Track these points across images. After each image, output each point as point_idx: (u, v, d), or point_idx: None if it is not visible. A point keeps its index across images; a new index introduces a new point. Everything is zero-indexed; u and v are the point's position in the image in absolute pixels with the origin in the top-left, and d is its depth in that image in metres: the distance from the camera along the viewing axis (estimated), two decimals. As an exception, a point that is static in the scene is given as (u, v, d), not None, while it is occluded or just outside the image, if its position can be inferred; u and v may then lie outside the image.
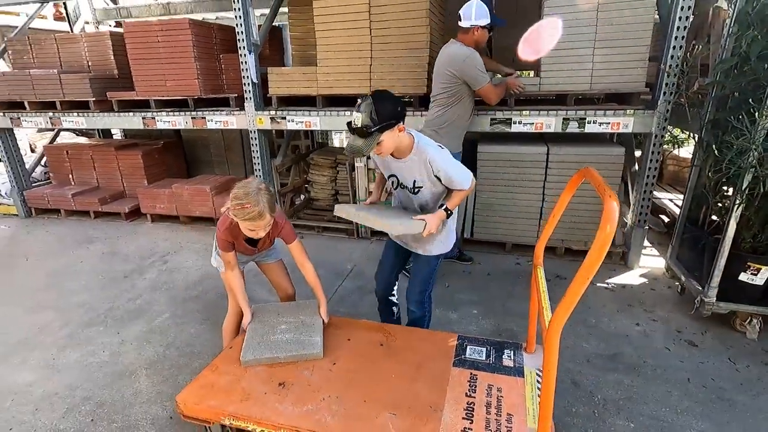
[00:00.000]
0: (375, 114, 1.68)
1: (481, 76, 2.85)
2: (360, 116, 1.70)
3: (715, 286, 2.55)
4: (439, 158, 1.87)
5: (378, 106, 1.70)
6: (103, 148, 5.19)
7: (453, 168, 1.90)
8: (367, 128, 1.70)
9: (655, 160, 3.15)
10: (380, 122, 1.70)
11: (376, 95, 1.74)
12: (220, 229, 1.92)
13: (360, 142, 1.73)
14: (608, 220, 1.07)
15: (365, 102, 1.71)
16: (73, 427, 2.04)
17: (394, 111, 1.75)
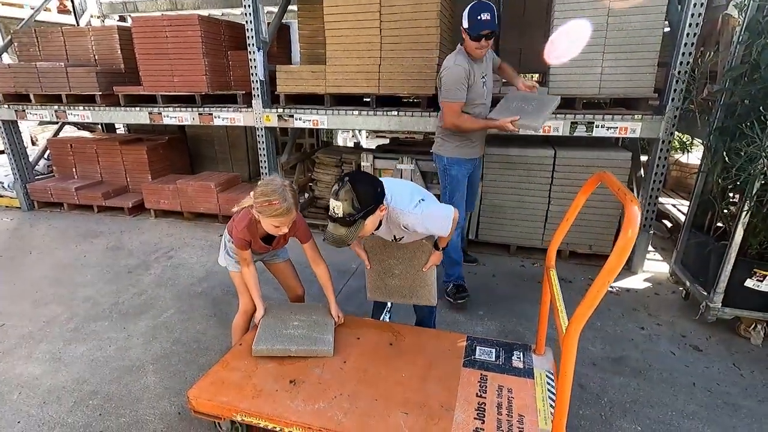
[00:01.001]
0: (357, 202, 1.60)
1: (449, 91, 2.62)
2: (341, 205, 1.60)
3: (721, 291, 2.57)
4: (412, 221, 1.79)
5: (359, 193, 1.60)
6: (107, 143, 5.18)
7: (430, 222, 1.82)
8: (350, 217, 1.61)
9: (662, 165, 3.17)
10: (363, 209, 1.62)
11: (353, 179, 1.63)
12: (238, 228, 1.92)
13: (342, 230, 1.65)
14: (630, 224, 1.08)
15: (344, 189, 1.60)
16: (81, 421, 2.04)
17: (375, 194, 1.66)
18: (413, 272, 2.10)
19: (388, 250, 2.11)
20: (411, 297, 2.16)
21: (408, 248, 2.08)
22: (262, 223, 1.88)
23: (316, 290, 3.18)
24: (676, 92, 2.97)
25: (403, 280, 2.14)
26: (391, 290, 2.18)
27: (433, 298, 2.13)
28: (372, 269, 2.16)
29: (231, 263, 2.15)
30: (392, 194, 1.80)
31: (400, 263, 2.11)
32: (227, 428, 1.85)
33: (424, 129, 3.59)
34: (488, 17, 2.41)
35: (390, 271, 2.14)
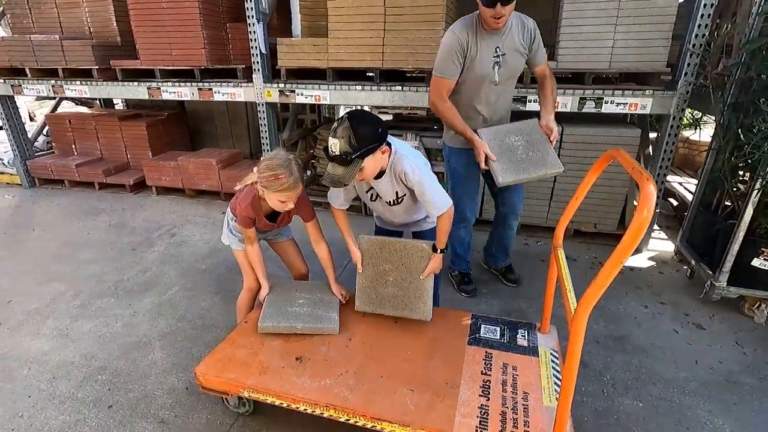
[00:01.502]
0: (354, 139, 1.54)
1: (437, 63, 2.22)
2: (338, 142, 1.55)
3: (727, 270, 2.56)
4: (411, 171, 1.73)
5: (357, 131, 1.54)
6: (106, 119, 5.10)
7: (429, 185, 1.76)
8: (346, 155, 1.56)
9: (672, 142, 3.10)
10: (361, 148, 1.56)
11: (353, 117, 1.56)
12: (242, 205, 1.89)
13: (340, 170, 1.60)
14: (646, 204, 1.05)
15: (342, 126, 1.55)
16: (91, 396, 2.08)
17: (375, 133, 1.60)
18: (409, 280, 1.97)
19: (384, 253, 2.00)
20: (404, 309, 2.00)
21: (406, 252, 1.97)
22: (267, 200, 1.85)
23: (320, 268, 3.20)
24: (690, 66, 2.88)
25: (397, 288, 2.00)
26: (382, 300, 2.03)
27: (428, 314, 1.97)
28: (364, 274, 2.04)
29: (234, 241, 2.14)
30: (400, 146, 1.77)
31: (396, 269, 1.99)
32: (234, 404, 1.88)
33: (429, 105, 3.51)
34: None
35: (383, 278, 2.01)
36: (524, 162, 2.15)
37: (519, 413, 1.54)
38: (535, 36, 2.24)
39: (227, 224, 2.16)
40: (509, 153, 2.19)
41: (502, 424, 1.50)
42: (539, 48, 2.28)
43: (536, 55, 2.30)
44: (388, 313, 2.02)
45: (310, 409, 1.62)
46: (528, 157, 2.17)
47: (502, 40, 2.18)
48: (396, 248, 1.99)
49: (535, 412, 1.55)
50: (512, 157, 2.18)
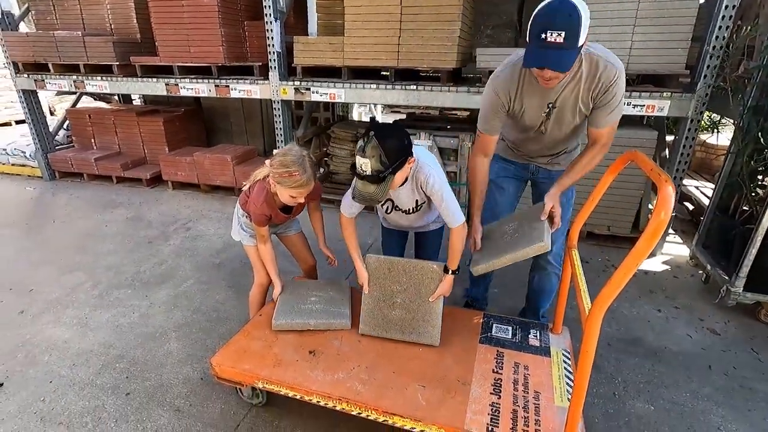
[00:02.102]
0: (385, 157, 1.50)
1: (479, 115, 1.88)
2: (368, 162, 1.51)
3: (744, 275, 2.53)
4: (433, 180, 1.72)
5: (386, 147, 1.50)
6: (124, 114, 5.21)
7: (448, 195, 1.74)
8: (379, 174, 1.52)
9: (689, 145, 3.07)
10: (392, 164, 1.53)
11: (378, 133, 1.51)
12: (257, 203, 1.91)
13: (372, 188, 1.56)
14: (664, 206, 1.05)
15: (370, 144, 1.50)
16: (110, 383, 2.13)
17: (402, 146, 1.57)
18: (418, 302, 1.90)
19: (392, 274, 1.94)
20: (411, 333, 1.90)
21: (415, 273, 1.91)
22: (279, 195, 1.87)
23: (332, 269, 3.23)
24: (709, 69, 2.84)
25: (404, 311, 1.92)
26: (388, 323, 1.93)
27: (436, 338, 1.88)
28: (370, 295, 1.96)
29: (245, 237, 2.17)
30: (415, 150, 1.74)
31: (404, 291, 1.93)
32: (248, 394, 1.92)
33: (442, 104, 3.52)
34: (556, 39, 1.37)
35: (391, 299, 1.94)
36: (505, 245, 1.81)
37: (530, 412, 1.55)
38: (606, 91, 1.62)
39: (237, 220, 2.19)
40: (497, 240, 1.89)
41: (513, 422, 1.51)
42: (607, 107, 1.65)
43: (597, 113, 1.68)
44: (394, 337, 1.91)
45: (323, 402, 1.65)
46: (512, 239, 1.81)
47: (556, 93, 1.68)
48: (405, 269, 1.93)
49: (547, 412, 1.56)
50: (497, 243, 1.87)
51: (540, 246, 1.66)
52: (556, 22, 1.36)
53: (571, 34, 1.37)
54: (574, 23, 1.36)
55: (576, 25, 1.36)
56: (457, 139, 3.70)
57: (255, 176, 1.97)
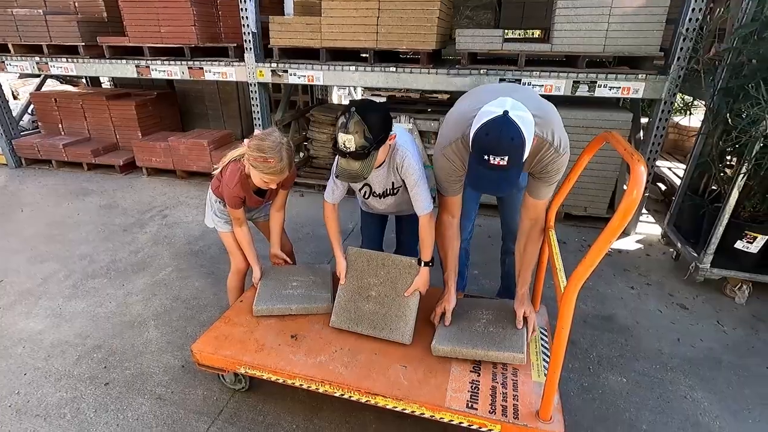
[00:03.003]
0: (368, 132, 1.50)
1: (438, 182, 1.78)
2: (352, 138, 1.49)
3: (711, 253, 2.63)
4: (409, 163, 1.71)
5: (369, 122, 1.50)
6: (93, 98, 5.00)
7: (422, 182, 1.74)
8: (363, 149, 1.51)
9: (662, 127, 3.14)
10: (376, 138, 1.53)
11: (360, 109, 1.50)
12: (230, 186, 1.87)
13: (357, 165, 1.55)
14: (636, 185, 1.07)
15: (352, 120, 1.48)
16: (87, 373, 2.10)
17: (385, 120, 1.56)
18: (392, 297, 1.88)
19: (370, 267, 1.95)
20: (383, 328, 1.83)
21: (393, 267, 1.92)
22: (253, 177, 1.83)
23: (311, 249, 3.21)
24: (683, 51, 2.89)
25: (378, 305, 1.88)
26: (361, 316, 1.87)
27: (408, 335, 1.80)
28: (345, 287, 1.95)
29: (219, 223, 2.11)
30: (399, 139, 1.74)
31: (381, 284, 1.92)
32: (231, 380, 1.92)
33: (423, 87, 3.50)
34: (499, 162, 1.30)
35: (366, 292, 1.92)
36: (477, 335, 1.75)
37: (509, 388, 1.60)
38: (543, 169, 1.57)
39: (210, 207, 2.12)
40: (466, 322, 1.82)
41: (492, 398, 1.55)
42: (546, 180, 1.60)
43: (537, 183, 1.63)
44: (364, 332, 1.84)
45: (306, 385, 1.66)
46: (486, 332, 1.76)
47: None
48: (384, 262, 1.94)
49: (524, 387, 1.60)
50: (467, 327, 1.80)
51: (517, 357, 1.64)
52: (500, 148, 1.29)
53: (516, 157, 1.30)
54: (517, 147, 1.29)
55: (519, 149, 1.30)
56: (438, 122, 3.69)
57: (228, 157, 1.92)
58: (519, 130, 1.29)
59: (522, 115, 1.32)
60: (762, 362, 2.20)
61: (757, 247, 2.54)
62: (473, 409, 1.50)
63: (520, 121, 1.30)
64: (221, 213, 2.09)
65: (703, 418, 1.89)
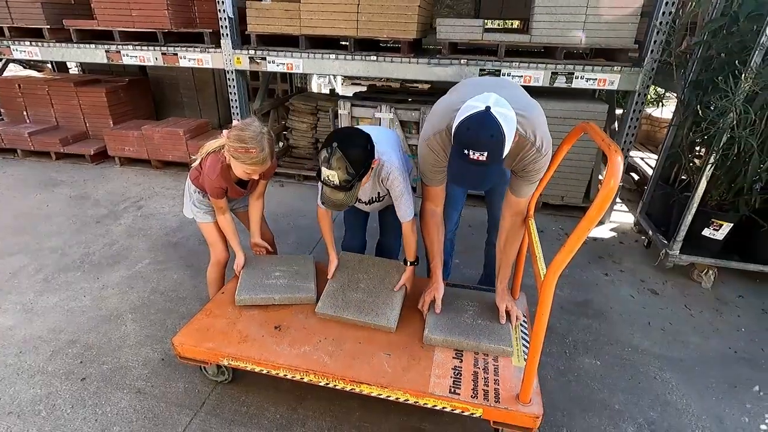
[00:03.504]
0: (350, 167, 1.53)
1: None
2: (335, 173, 1.52)
3: (680, 240, 2.74)
4: (394, 177, 1.76)
5: (351, 158, 1.52)
6: (60, 84, 4.77)
7: (406, 191, 1.80)
8: (346, 183, 1.55)
9: (636, 118, 3.23)
10: (358, 172, 1.56)
11: (341, 143, 1.51)
12: (211, 177, 1.84)
13: (340, 195, 1.59)
14: (613, 174, 1.11)
15: (334, 156, 1.50)
16: (62, 369, 2.04)
17: (366, 154, 1.58)
18: (381, 289, 1.98)
19: (362, 265, 2.11)
20: (369, 313, 1.85)
21: (383, 267, 2.09)
22: (234, 168, 1.81)
23: (293, 240, 3.19)
24: (656, 44, 2.97)
25: (367, 294, 1.95)
26: (348, 303, 1.91)
27: (393, 321, 1.82)
28: (335, 279, 2.04)
29: (199, 214, 2.08)
30: (377, 143, 1.73)
31: (370, 278, 2.04)
32: (213, 372, 1.90)
33: (404, 76, 3.49)
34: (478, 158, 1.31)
35: (355, 284, 2.01)
36: (467, 326, 1.81)
37: (490, 373, 1.64)
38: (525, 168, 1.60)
39: (189, 197, 2.08)
40: (453, 313, 1.88)
41: (474, 383, 1.59)
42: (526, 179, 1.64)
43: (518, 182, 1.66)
44: (350, 317, 1.84)
45: (290, 375, 1.67)
46: (474, 323, 1.83)
47: None
48: (375, 263, 2.14)
49: (505, 372, 1.65)
50: (455, 317, 1.85)
51: (506, 350, 1.71)
52: (479, 144, 1.30)
53: (495, 154, 1.31)
54: (496, 144, 1.30)
55: (499, 145, 1.31)
56: (419, 112, 3.69)
57: (207, 148, 1.88)
58: (499, 127, 1.29)
59: (504, 113, 1.32)
60: (725, 343, 2.33)
61: (723, 234, 2.66)
62: (456, 394, 1.54)
63: (501, 118, 1.30)
64: (200, 203, 2.05)
65: (672, 396, 1.99)
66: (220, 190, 1.89)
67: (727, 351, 2.28)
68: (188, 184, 2.05)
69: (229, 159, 1.78)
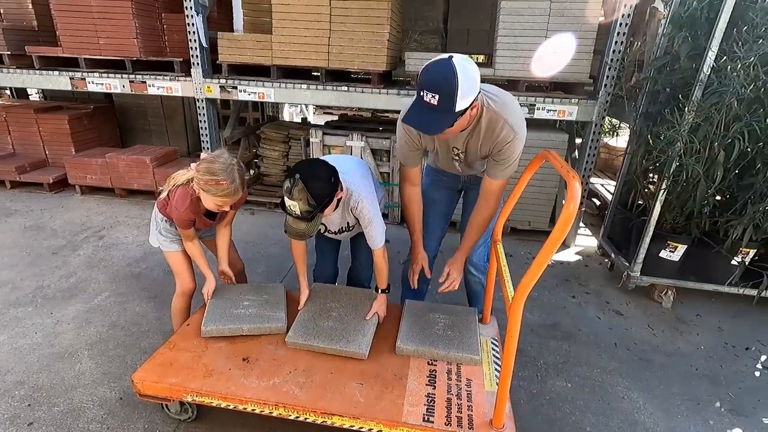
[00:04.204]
0: (312, 199, 1.55)
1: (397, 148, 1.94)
2: (296, 204, 1.55)
3: (640, 262, 2.86)
4: (363, 207, 1.78)
5: (313, 190, 1.54)
6: (19, 110, 4.61)
7: (376, 220, 1.82)
8: (307, 214, 1.58)
9: (595, 147, 3.41)
10: (319, 204, 1.57)
11: (303, 175, 1.53)
12: (180, 209, 1.80)
13: (302, 225, 1.62)
14: (572, 199, 1.17)
15: (296, 188, 1.52)
16: (7, 413, 1.88)
17: (329, 186, 1.60)
18: (352, 317, 1.97)
19: (334, 295, 2.12)
20: (340, 341, 1.83)
21: (355, 296, 2.10)
22: (204, 201, 1.79)
23: (263, 269, 3.13)
24: (608, 78, 3.19)
25: (339, 323, 1.93)
26: (319, 332, 1.88)
27: (364, 348, 1.80)
28: (307, 309, 2.02)
29: (165, 242, 2.02)
30: (345, 174, 1.76)
31: (342, 307, 2.03)
32: (176, 410, 1.80)
33: (374, 106, 3.57)
34: (430, 100, 1.38)
35: (327, 313, 1.99)
36: (437, 337, 1.88)
37: (463, 399, 1.63)
38: (500, 150, 1.65)
39: (155, 225, 2.03)
40: (425, 325, 1.96)
41: (448, 410, 1.57)
42: (502, 163, 1.69)
43: (493, 165, 1.72)
44: (321, 345, 1.81)
45: (258, 409, 1.60)
46: (444, 335, 1.90)
47: (462, 141, 1.72)
48: (347, 292, 2.15)
49: (478, 397, 1.64)
50: (426, 329, 1.93)
51: (473, 359, 1.80)
52: (433, 83, 1.36)
53: (446, 99, 1.36)
54: (449, 88, 1.35)
55: (451, 90, 1.35)
56: (390, 140, 3.77)
57: (175, 180, 1.85)
58: (455, 73, 1.35)
59: (466, 66, 1.38)
60: (686, 361, 2.41)
61: (678, 255, 2.80)
62: (430, 422, 1.52)
63: (460, 68, 1.36)
64: (167, 232, 2.00)
65: (640, 416, 2.03)
66: (188, 222, 1.85)
67: (689, 369, 2.36)
68: (155, 213, 2.00)
69: (199, 191, 1.75)
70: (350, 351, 1.79)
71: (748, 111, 2.32)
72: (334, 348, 1.81)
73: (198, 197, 1.79)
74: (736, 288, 2.79)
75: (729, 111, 2.32)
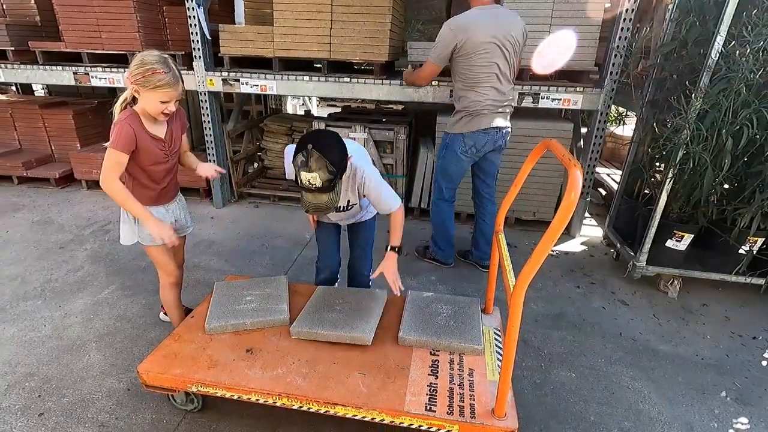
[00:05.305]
0: (331, 165, 1.54)
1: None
2: (316, 175, 1.53)
3: (646, 251, 2.84)
4: (369, 180, 1.81)
5: (329, 156, 1.54)
6: (25, 106, 4.64)
7: (383, 188, 1.84)
8: (330, 182, 1.56)
9: (600, 136, 3.37)
10: (339, 169, 1.58)
11: (317, 145, 1.53)
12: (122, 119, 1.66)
13: (324, 197, 1.59)
14: (573, 188, 1.15)
15: (312, 158, 1.51)
16: (18, 404, 1.92)
17: (341, 149, 1.61)
18: (356, 308, 1.99)
19: (339, 293, 2.14)
20: (344, 327, 1.85)
21: (360, 295, 2.11)
22: (146, 107, 1.68)
23: (267, 261, 3.14)
24: (615, 66, 3.13)
25: (344, 314, 1.95)
26: (323, 321, 1.89)
27: (368, 333, 1.82)
28: (311, 304, 2.04)
29: (142, 235, 1.91)
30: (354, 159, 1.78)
31: (346, 302, 2.04)
32: (182, 400, 1.83)
33: (377, 97, 3.55)
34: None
35: (332, 306, 2.01)
36: (439, 327, 1.90)
37: (465, 389, 1.63)
38: None
39: (126, 219, 1.91)
40: (427, 315, 1.99)
41: (450, 399, 1.58)
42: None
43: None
44: (325, 333, 1.83)
45: (262, 399, 1.62)
46: (447, 325, 1.92)
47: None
48: (352, 292, 2.15)
49: (480, 386, 1.65)
50: (429, 319, 1.96)
51: (475, 349, 1.81)
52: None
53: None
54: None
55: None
56: (393, 132, 3.75)
57: (115, 107, 1.73)
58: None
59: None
60: (692, 350, 2.40)
61: (685, 245, 2.77)
62: (432, 411, 1.52)
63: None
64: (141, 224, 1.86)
65: (644, 405, 2.02)
66: (129, 138, 1.67)
67: (694, 358, 2.34)
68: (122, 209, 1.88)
69: (141, 102, 1.67)
70: (355, 336, 1.81)
71: (757, 97, 2.27)
72: (339, 334, 1.82)
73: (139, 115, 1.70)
74: (743, 277, 2.76)
75: (737, 97, 2.28)
